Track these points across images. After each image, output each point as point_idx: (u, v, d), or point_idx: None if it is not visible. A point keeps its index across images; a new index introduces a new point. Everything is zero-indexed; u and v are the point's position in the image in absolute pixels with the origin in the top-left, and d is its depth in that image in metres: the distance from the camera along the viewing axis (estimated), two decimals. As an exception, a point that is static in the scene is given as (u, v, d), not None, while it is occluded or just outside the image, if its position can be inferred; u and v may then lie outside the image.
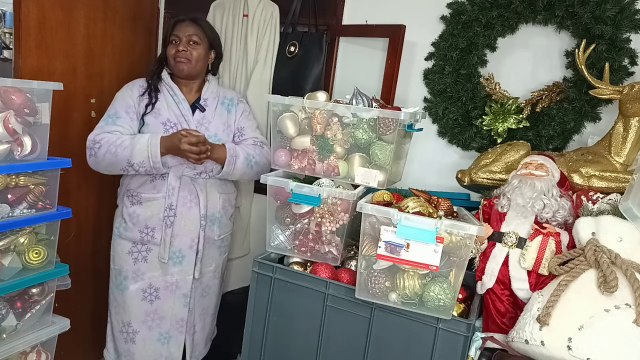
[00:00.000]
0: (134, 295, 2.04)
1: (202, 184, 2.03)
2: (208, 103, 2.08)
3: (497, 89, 2.00)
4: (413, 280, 1.47)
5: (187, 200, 2.01)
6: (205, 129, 2.02)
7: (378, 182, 1.70)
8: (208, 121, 2.05)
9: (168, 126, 1.99)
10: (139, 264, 2.03)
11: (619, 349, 1.24)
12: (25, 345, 1.78)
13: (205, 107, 2.06)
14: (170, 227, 1.99)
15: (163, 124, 1.99)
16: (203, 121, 2.04)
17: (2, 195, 1.65)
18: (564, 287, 1.36)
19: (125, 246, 2.04)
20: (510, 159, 1.77)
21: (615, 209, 1.46)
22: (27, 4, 1.97)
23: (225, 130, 2.08)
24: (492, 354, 1.46)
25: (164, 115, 2.00)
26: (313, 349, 1.65)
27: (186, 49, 2.00)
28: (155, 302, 2.05)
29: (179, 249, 2.02)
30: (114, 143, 1.88)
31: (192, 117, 2.03)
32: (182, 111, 2.02)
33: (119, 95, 2.04)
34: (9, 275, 1.69)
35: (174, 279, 2.04)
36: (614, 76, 1.77)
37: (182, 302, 2.07)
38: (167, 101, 2.03)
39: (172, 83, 2.05)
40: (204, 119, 2.04)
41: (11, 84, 1.63)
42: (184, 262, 2.04)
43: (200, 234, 2.04)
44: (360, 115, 1.67)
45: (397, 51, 2.15)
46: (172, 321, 2.07)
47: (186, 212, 2.01)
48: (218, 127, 2.06)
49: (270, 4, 2.31)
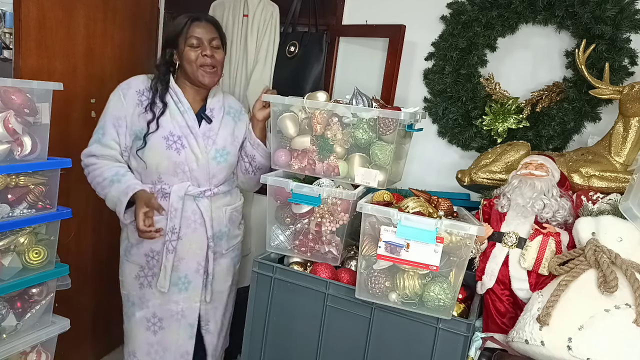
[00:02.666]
0: (139, 324, 1.91)
1: (207, 202, 1.87)
2: (214, 114, 1.89)
3: (497, 89, 2.00)
4: (413, 280, 1.47)
5: (191, 222, 1.84)
6: (213, 142, 1.86)
7: (378, 182, 1.70)
8: (215, 133, 1.87)
9: (171, 141, 1.80)
10: (144, 289, 1.89)
11: (619, 349, 1.24)
12: (25, 345, 1.78)
13: (212, 118, 1.87)
14: (172, 252, 1.83)
15: (165, 139, 1.79)
16: (210, 133, 1.85)
17: (2, 195, 1.65)
18: (564, 287, 1.36)
19: (132, 270, 1.91)
20: (510, 159, 1.77)
21: (615, 209, 1.46)
22: (27, 4, 1.97)
23: (232, 143, 1.92)
24: (492, 354, 1.46)
25: (166, 127, 1.80)
26: (313, 349, 1.65)
27: (211, 54, 1.79)
28: (158, 333, 1.90)
29: (184, 274, 1.87)
30: (96, 177, 1.81)
31: (198, 129, 1.83)
32: (187, 122, 1.82)
33: (110, 103, 1.84)
34: (9, 275, 1.69)
35: (179, 307, 1.88)
36: (614, 76, 1.77)
37: (187, 333, 1.91)
38: (171, 110, 1.82)
39: (177, 88, 1.84)
40: (210, 131, 1.86)
41: (11, 84, 1.63)
42: (189, 288, 1.88)
43: (209, 255, 1.89)
44: (360, 115, 1.67)
45: (397, 51, 2.15)
46: (175, 355, 1.91)
47: (191, 233, 1.85)
48: (226, 139, 1.89)
49: (270, 4, 2.31)
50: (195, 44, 1.79)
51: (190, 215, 1.85)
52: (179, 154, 1.81)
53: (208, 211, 1.87)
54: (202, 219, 1.86)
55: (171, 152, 1.80)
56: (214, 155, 1.86)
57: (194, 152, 1.82)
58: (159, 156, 1.81)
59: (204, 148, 1.84)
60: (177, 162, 1.81)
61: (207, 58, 1.79)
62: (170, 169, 1.82)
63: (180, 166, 1.82)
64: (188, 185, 1.83)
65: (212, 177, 1.88)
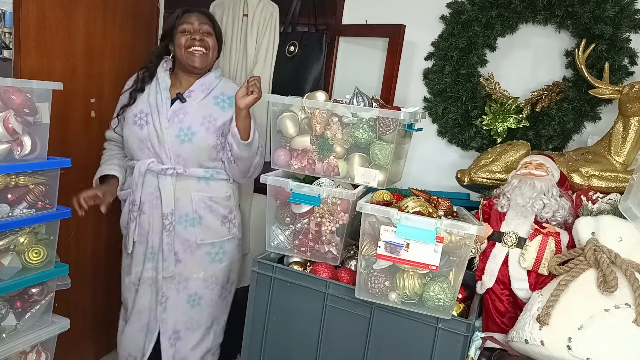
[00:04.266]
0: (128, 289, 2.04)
1: (169, 181, 1.90)
2: (192, 95, 1.92)
3: (497, 89, 2.00)
4: (413, 280, 1.47)
5: (154, 197, 1.91)
6: (180, 120, 1.88)
7: (378, 182, 1.70)
8: (185, 112, 1.89)
9: (138, 117, 1.91)
10: (128, 257, 2.02)
11: (619, 349, 1.24)
12: (25, 345, 1.78)
13: (187, 98, 1.91)
14: (134, 222, 1.93)
15: (134, 116, 1.91)
16: (179, 112, 1.89)
17: (2, 195, 1.65)
18: (564, 287, 1.36)
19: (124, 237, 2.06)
20: (510, 159, 1.77)
21: (615, 209, 1.46)
22: (27, 4, 1.97)
23: (203, 124, 1.89)
24: (492, 354, 1.46)
25: (139, 106, 1.92)
26: (313, 349, 1.65)
27: (201, 37, 1.88)
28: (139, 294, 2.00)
29: (151, 246, 1.95)
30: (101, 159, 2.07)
31: (168, 108, 1.89)
32: (158, 101, 1.90)
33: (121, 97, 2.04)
34: (9, 275, 1.69)
35: (150, 274, 1.97)
36: (614, 76, 1.77)
37: (158, 300, 1.99)
38: (150, 91, 1.94)
39: (163, 74, 1.95)
40: (180, 110, 1.90)
41: (11, 84, 1.63)
42: (155, 259, 1.96)
43: (164, 234, 1.92)
44: (360, 115, 1.67)
45: (397, 51, 2.15)
46: (149, 317, 2.00)
47: (154, 210, 1.92)
48: (195, 119, 1.89)
49: (270, 4, 2.31)
50: (186, 30, 1.89)
51: (153, 191, 1.92)
52: (142, 129, 1.90)
53: (167, 189, 1.90)
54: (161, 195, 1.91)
55: (135, 128, 1.91)
56: (178, 133, 1.88)
57: (155, 129, 1.89)
58: (128, 132, 1.94)
59: (166, 125, 1.88)
60: (141, 137, 1.90)
61: (195, 41, 1.88)
62: (136, 144, 1.93)
63: (145, 142, 1.90)
64: (151, 161, 1.90)
65: (177, 156, 1.89)
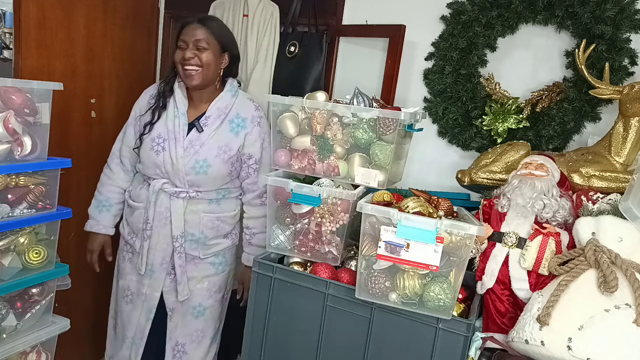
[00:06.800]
0: (119, 292, 2.04)
1: (180, 204, 1.88)
2: (209, 122, 1.87)
3: (497, 89, 2.00)
4: (413, 280, 1.47)
5: (163, 217, 1.89)
6: (195, 151, 1.85)
7: (378, 182, 1.70)
8: (201, 143, 1.86)
9: (155, 143, 1.87)
10: (125, 263, 2.01)
11: (619, 349, 1.24)
12: (25, 345, 1.78)
13: (204, 127, 1.87)
14: (147, 240, 1.91)
15: (152, 140, 1.87)
16: (195, 142, 1.86)
17: (2, 195, 1.65)
18: (564, 287, 1.36)
19: (122, 240, 2.05)
20: (510, 159, 1.77)
21: (615, 209, 1.46)
22: (27, 4, 1.97)
23: (218, 155, 1.87)
24: (492, 354, 1.46)
25: (157, 129, 1.88)
26: (313, 349, 1.65)
27: (193, 55, 1.81)
28: (129, 305, 1.99)
29: (152, 262, 1.92)
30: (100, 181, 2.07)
31: (184, 136, 1.86)
32: (175, 127, 1.86)
33: (135, 104, 2.00)
34: (9, 275, 1.69)
35: (144, 290, 1.95)
36: (614, 76, 1.77)
37: (146, 316, 1.96)
38: (167, 114, 1.89)
39: (179, 92, 1.90)
40: (197, 140, 1.86)
41: (11, 84, 1.63)
42: (153, 276, 1.93)
43: (175, 256, 1.90)
44: (360, 115, 1.67)
45: (397, 51, 2.15)
46: (135, 330, 1.98)
47: (161, 228, 1.90)
48: (211, 150, 1.86)
49: (270, 4, 2.31)
50: (182, 46, 1.85)
51: (163, 211, 1.90)
52: (158, 155, 1.88)
53: (177, 212, 1.88)
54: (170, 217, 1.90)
55: (152, 153, 1.89)
56: (193, 165, 1.86)
57: (171, 157, 1.86)
58: (145, 155, 1.91)
59: (182, 155, 1.85)
60: (157, 163, 1.89)
61: (186, 60, 1.82)
62: (151, 169, 1.91)
63: (160, 167, 1.89)
64: (165, 181, 1.89)
65: (191, 184, 1.89)
